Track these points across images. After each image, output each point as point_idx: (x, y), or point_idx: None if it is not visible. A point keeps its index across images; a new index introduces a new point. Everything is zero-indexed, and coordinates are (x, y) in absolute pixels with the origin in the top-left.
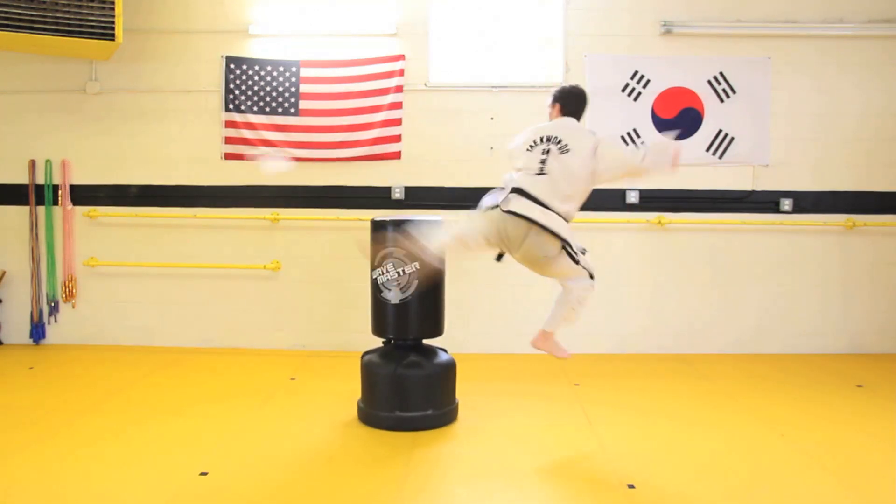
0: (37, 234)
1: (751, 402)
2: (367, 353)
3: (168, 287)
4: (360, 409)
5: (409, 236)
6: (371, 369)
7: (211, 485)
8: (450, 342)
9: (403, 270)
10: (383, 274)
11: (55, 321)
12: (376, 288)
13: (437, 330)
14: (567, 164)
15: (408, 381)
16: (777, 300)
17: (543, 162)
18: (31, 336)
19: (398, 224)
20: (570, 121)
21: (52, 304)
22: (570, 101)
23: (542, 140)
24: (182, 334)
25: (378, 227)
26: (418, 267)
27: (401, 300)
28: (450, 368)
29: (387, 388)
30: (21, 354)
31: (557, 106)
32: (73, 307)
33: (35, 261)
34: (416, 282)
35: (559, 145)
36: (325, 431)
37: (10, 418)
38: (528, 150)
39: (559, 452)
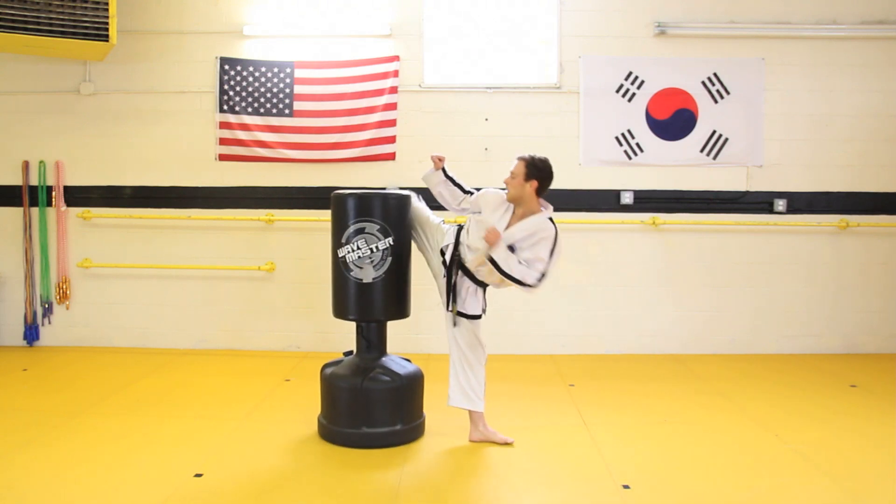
0: (31, 236)
1: (745, 402)
2: (329, 364)
3: (162, 288)
4: (319, 424)
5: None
6: (333, 382)
7: (205, 486)
8: (444, 344)
9: (377, 247)
10: (353, 252)
11: (49, 323)
12: (344, 267)
13: (404, 311)
14: None
15: (373, 394)
16: (771, 300)
17: None
18: (25, 338)
19: (366, 199)
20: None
21: (46, 306)
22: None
23: None
24: (176, 336)
25: (341, 201)
26: (392, 243)
27: (374, 279)
28: (413, 382)
29: (351, 403)
30: (15, 356)
31: (536, 184)
32: (67, 309)
33: (29, 262)
34: (389, 259)
35: None
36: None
37: (4, 420)
38: None
39: (554, 453)
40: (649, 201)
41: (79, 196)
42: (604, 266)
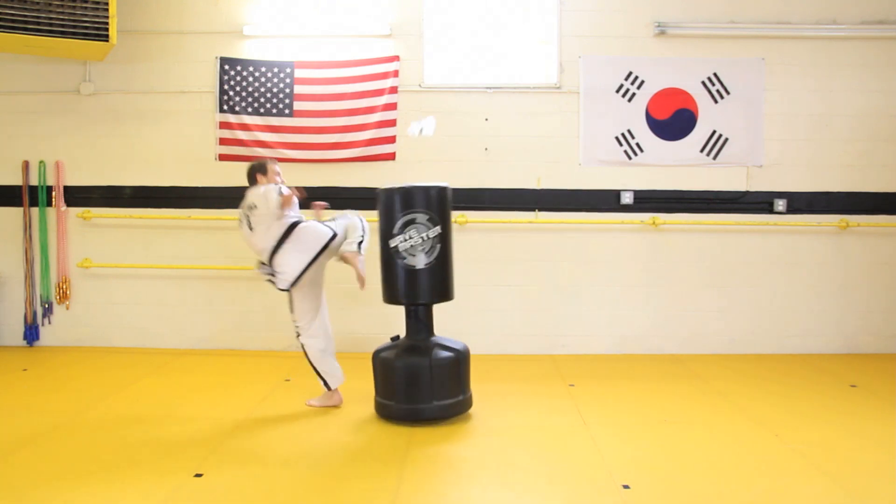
0: (31, 236)
1: (745, 402)
2: (382, 350)
3: (162, 288)
4: (385, 406)
5: None
6: (401, 363)
7: (205, 486)
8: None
9: (427, 235)
10: (406, 241)
11: (49, 323)
12: (397, 255)
13: (448, 294)
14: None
15: (441, 369)
16: (771, 301)
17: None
18: (25, 338)
19: (414, 191)
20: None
21: (46, 306)
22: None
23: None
24: (176, 335)
25: (390, 195)
26: (441, 231)
27: (426, 264)
28: (467, 355)
29: (425, 380)
30: (15, 356)
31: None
32: (67, 309)
33: (29, 262)
34: (438, 246)
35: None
36: (320, 432)
37: (4, 420)
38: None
39: (554, 453)
40: (649, 201)
41: (79, 196)
42: (604, 266)
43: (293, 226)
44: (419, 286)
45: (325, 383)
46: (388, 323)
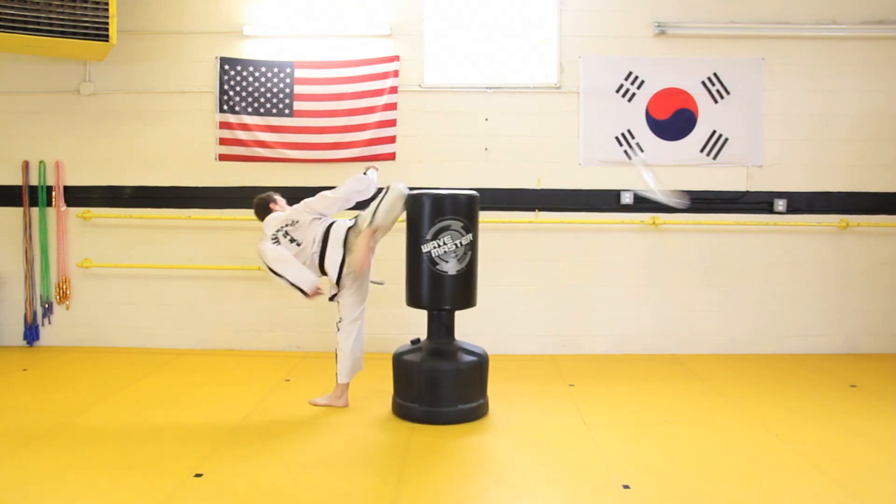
0: (31, 236)
1: (745, 402)
2: (405, 352)
3: (162, 288)
4: (407, 408)
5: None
6: (426, 366)
7: (205, 486)
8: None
9: (461, 243)
10: (440, 247)
11: (49, 323)
12: (429, 261)
13: (472, 300)
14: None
15: (467, 373)
16: (771, 301)
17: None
18: (25, 338)
19: (449, 199)
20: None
21: (46, 306)
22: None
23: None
24: (176, 335)
25: (421, 201)
26: (472, 239)
27: (458, 271)
28: (488, 360)
29: (451, 384)
30: (15, 356)
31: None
32: (67, 308)
33: (29, 262)
34: (470, 253)
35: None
36: (319, 432)
37: (4, 420)
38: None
39: (554, 453)
40: (649, 201)
41: (79, 196)
42: (604, 266)
43: (330, 226)
44: (448, 292)
45: (337, 375)
46: (390, 323)
